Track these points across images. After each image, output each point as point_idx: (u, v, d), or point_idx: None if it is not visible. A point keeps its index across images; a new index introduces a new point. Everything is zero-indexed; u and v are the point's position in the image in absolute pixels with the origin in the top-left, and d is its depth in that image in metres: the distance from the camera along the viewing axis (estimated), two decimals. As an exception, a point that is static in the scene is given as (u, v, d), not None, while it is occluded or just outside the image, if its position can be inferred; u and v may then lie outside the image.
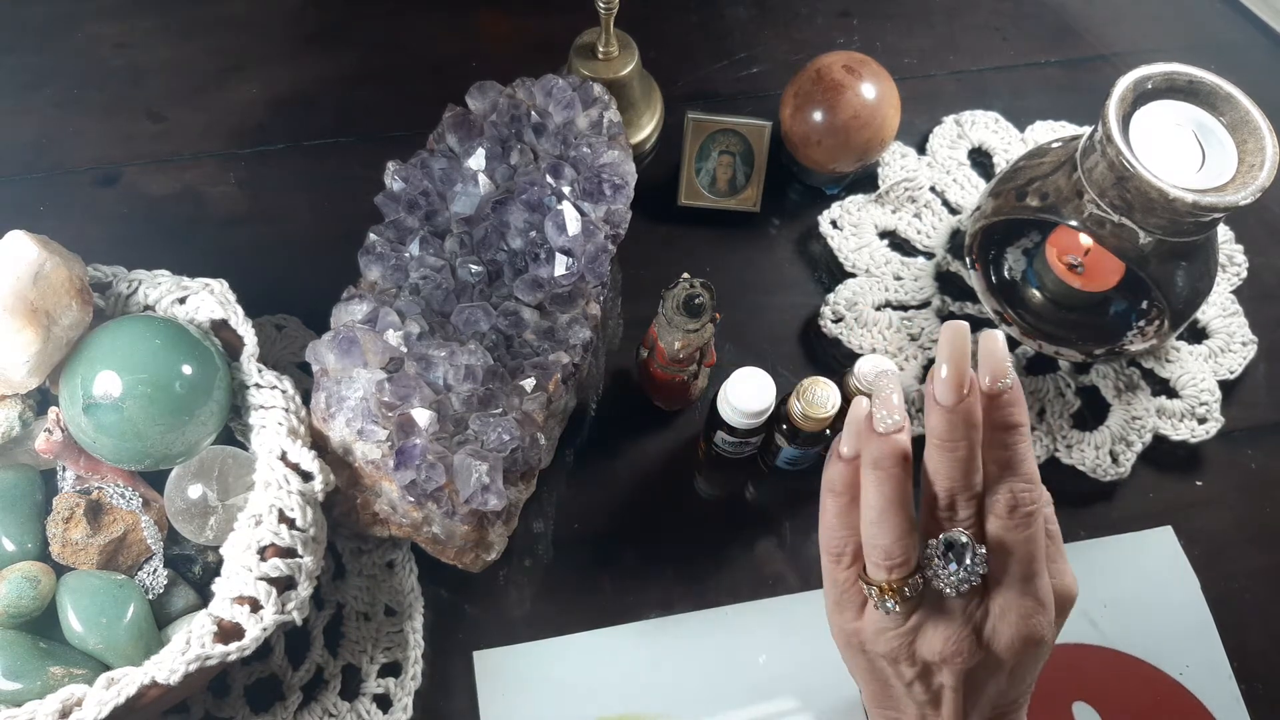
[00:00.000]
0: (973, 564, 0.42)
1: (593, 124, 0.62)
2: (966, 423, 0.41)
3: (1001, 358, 0.42)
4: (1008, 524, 0.42)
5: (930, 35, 0.82)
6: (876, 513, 0.42)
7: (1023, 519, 0.42)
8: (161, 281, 0.57)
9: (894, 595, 0.42)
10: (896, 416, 0.42)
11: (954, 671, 0.43)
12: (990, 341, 0.42)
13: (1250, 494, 0.66)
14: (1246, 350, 0.69)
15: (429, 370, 0.54)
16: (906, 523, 0.42)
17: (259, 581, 0.49)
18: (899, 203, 0.72)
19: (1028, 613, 0.42)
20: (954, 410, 0.41)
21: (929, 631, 0.43)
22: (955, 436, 0.41)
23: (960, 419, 0.41)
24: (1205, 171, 0.57)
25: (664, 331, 0.57)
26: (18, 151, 0.72)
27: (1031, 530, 0.42)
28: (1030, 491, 0.42)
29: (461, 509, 0.52)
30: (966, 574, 0.42)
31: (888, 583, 0.42)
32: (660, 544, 0.63)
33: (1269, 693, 0.60)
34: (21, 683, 0.48)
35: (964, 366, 0.41)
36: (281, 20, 0.80)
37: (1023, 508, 0.42)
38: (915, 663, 0.44)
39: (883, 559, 0.42)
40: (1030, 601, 0.42)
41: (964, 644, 0.42)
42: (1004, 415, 0.42)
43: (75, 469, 0.54)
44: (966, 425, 0.41)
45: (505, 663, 0.59)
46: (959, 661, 0.42)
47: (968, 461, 0.42)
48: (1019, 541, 0.42)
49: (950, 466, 0.42)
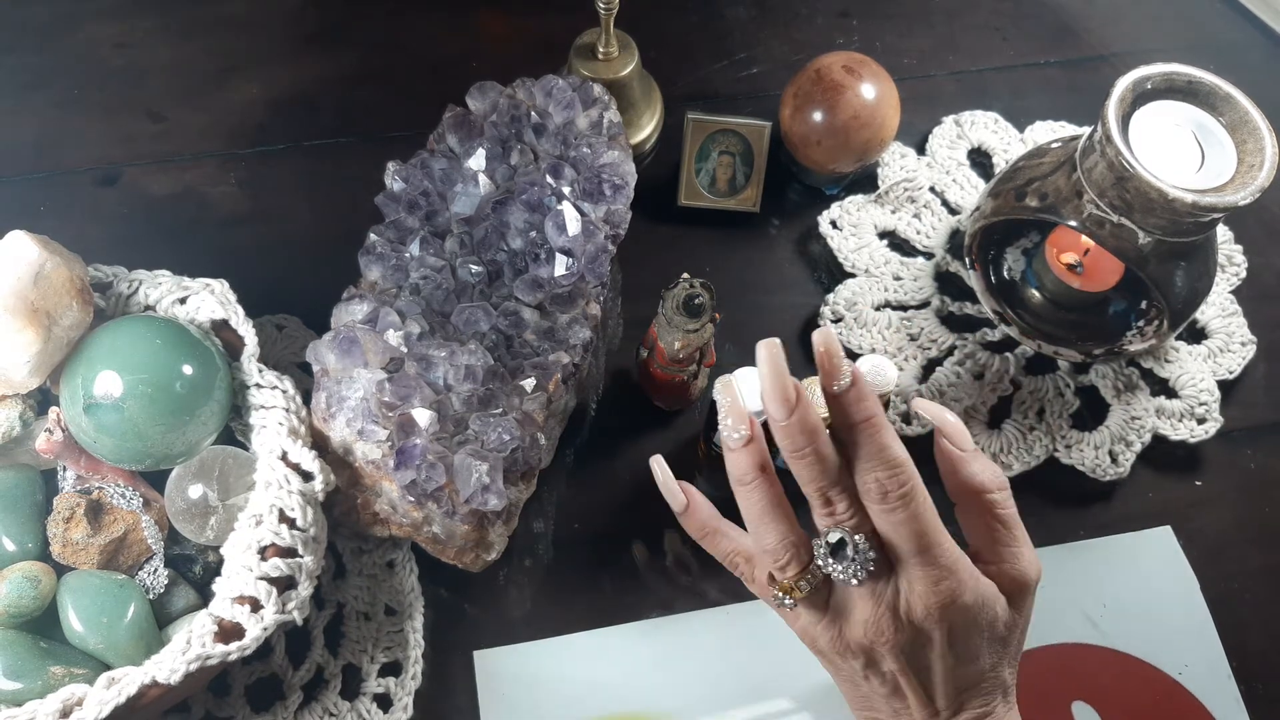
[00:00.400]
0: (857, 554, 0.43)
1: (593, 124, 0.62)
2: (803, 431, 0.44)
3: (834, 360, 0.44)
4: (882, 510, 0.43)
5: (930, 35, 0.82)
6: (754, 522, 0.46)
7: (896, 503, 0.43)
8: (162, 281, 0.57)
9: (792, 591, 0.45)
10: (743, 429, 0.46)
11: (890, 653, 0.44)
12: (821, 344, 0.44)
13: (1250, 494, 0.66)
14: (1246, 350, 0.69)
15: (429, 370, 0.54)
16: (784, 522, 0.45)
17: (259, 581, 0.49)
18: (899, 203, 0.72)
19: (934, 579, 0.43)
20: (789, 423, 0.44)
21: (849, 618, 0.45)
22: (799, 445, 0.44)
23: (796, 428, 0.44)
24: (1205, 172, 0.57)
25: (664, 331, 0.57)
26: (18, 152, 0.72)
27: (910, 510, 0.43)
28: (896, 476, 0.43)
29: (462, 509, 0.52)
30: (857, 565, 0.43)
31: (785, 581, 0.45)
32: (660, 544, 0.63)
33: (1269, 693, 0.60)
34: (22, 682, 0.48)
35: (783, 382, 0.44)
36: (281, 20, 0.80)
37: (891, 494, 0.43)
38: (855, 653, 0.45)
39: (771, 562, 0.46)
40: (933, 569, 0.43)
41: (882, 621, 0.44)
42: (850, 413, 0.44)
43: (76, 469, 0.54)
44: (805, 433, 0.44)
45: (505, 663, 0.59)
46: (884, 640, 0.44)
47: (821, 462, 0.44)
48: (900, 523, 0.43)
49: (807, 470, 0.44)
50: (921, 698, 0.45)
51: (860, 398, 0.44)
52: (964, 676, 0.45)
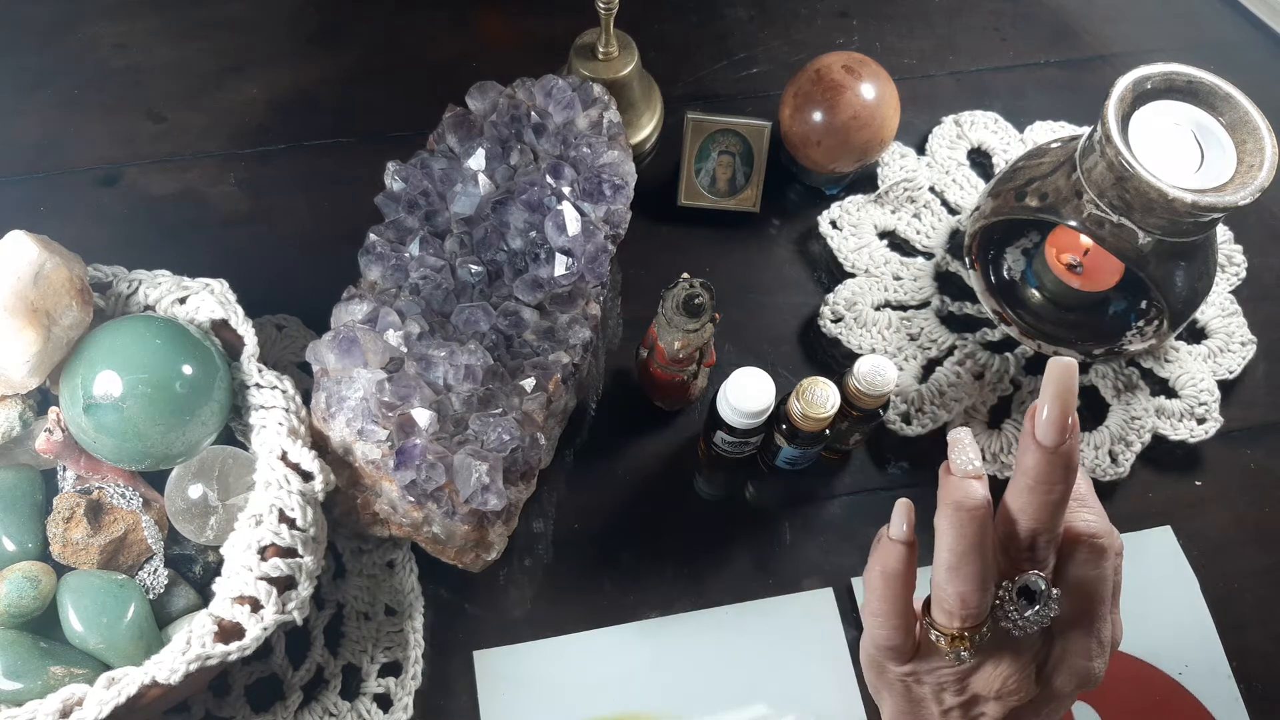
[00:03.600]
0: (1045, 608, 0.40)
1: (593, 124, 0.62)
2: (1065, 465, 0.39)
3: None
4: (1081, 561, 0.41)
5: (930, 35, 0.82)
6: (956, 557, 0.40)
7: (1098, 554, 0.41)
8: (162, 281, 0.57)
9: (965, 643, 0.41)
10: (976, 463, 0.40)
11: (1004, 707, 0.42)
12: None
13: (1250, 494, 0.66)
14: (1245, 350, 0.69)
15: (429, 370, 0.54)
16: (988, 573, 0.40)
17: (259, 581, 0.49)
18: (898, 203, 0.72)
19: (1090, 655, 0.42)
20: (1054, 452, 0.39)
21: (989, 668, 0.42)
22: (1052, 480, 0.39)
23: (1060, 461, 0.39)
24: (1204, 172, 0.57)
25: (664, 331, 0.57)
26: (18, 152, 0.72)
27: (1102, 569, 0.41)
28: (1110, 531, 0.41)
29: (461, 509, 0.52)
30: (1039, 618, 0.40)
31: (959, 630, 0.41)
32: (660, 544, 0.63)
33: (1269, 693, 0.60)
34: (22, 682, 0.48)
35: (1069, 406, 0.39)
36: (281, 20, 0.80)
37: (1098, 541, 0.41)
38: (964, 693, 0.43)
39: (959, 607, 0.40)
40: (1095, 644, 0.42)
41: (1025, 683, 0.41)
42: (1070, 459, 0.40)
43: (75, 469, 0.54)
44: (1065, 468, 0.39)
45: (505, 662, 0.59)
46: (1015, 699, 0.42)
47: (1059, 505, 0.40)
48: (1091, 580, 0.41)
49: (1039, 509, 0.40)
50: None
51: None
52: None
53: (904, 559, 0.42)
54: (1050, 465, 0.39)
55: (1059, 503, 0.40)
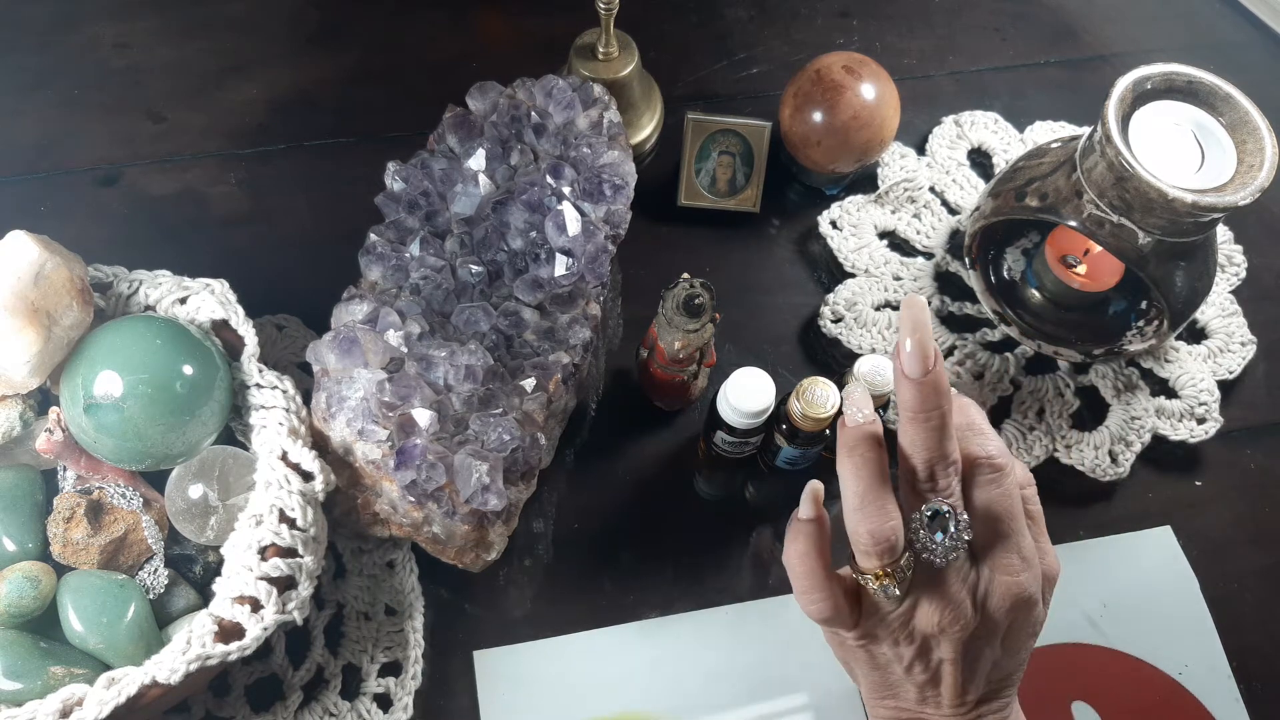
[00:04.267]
0: (957, 530, 0.42)
1: (593, 124, 0.62)
2: (936, 391, 0.42)
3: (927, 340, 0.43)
4: (987, 480, 0.43)
5: (930, 35, 0.82)
6: (858, 499, 0.43)
7: (996, 476, 0.43)
8: (162, 282, 0.57)
9: (890, 579, 0.43)
10: (866, 411, 0.44)
11: (952, 642, 0.43)
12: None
13: (1250, 494, 0.66)
14: (1245, 350, 0.69)
15: (429, 370, 0.54)
16: (890, 504, 0.43)
17: (259, 581, 0.49)
18: (898, 203, 0.72)
19: (1014, 570, 0.43)
20: (923, 381, 0.42)
21: (925, 605, 0.43)
22: (928, 407, 0.42)
23: (930, 389, 0.42)
24: (1204, 172, 0.57)
25: (664, 331, 0.57)
26: (19, 152, 0.72)
27: (1005, 486, 0.43)
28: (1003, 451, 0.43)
29: (462, 509, 0.52)
30: (953, 542, 0.42)
31: (882, 568, 0.43)
32: (660, 544, 0.63)
33: (1269, 693, 0.60)
34: (22, 682, 0.48)
35: (927, 338, 0.42)
36: (281, 20, 0.80)
37: (1000, 461, 0.43)
38: (914, 639, 0.44)
39: (871, 544, 0.43)
40: (1015, 558, 0.43)
41: (961, 609, 0.43)
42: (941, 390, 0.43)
43: (76, 469, 0.54)
44: (936, 394, 0.42)
45: (505, 662, 0.59)
46: (957, 629, 0.43)
47: (941, 430, 0.43)
48: (999, 497, 0.43)
49: (926, 436, 0.43)
50: (959, 689, 0.44)
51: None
52: (1003, 669, 0.45)
53: (814, 535, 0.45)
54: (924, 394, 0.42)
55: (940, 428, 0.43)
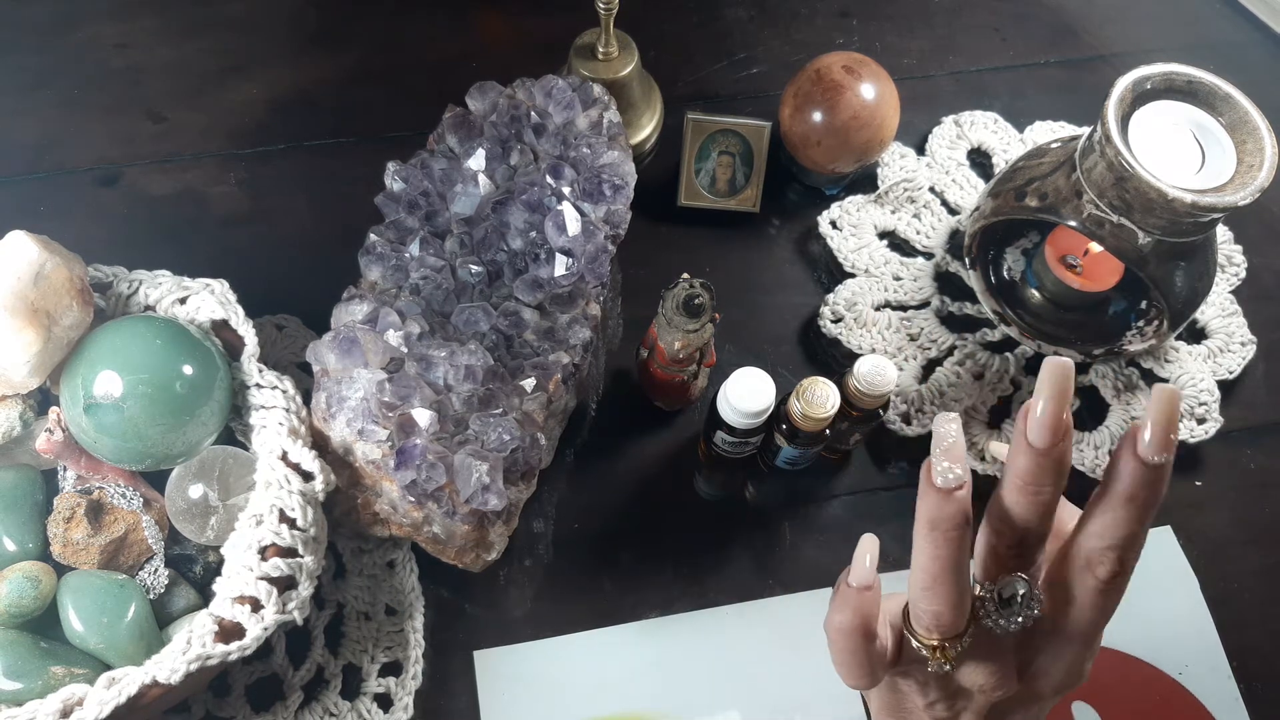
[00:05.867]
0: (1026, 609, 0.39)
1: (593, 124, 0.62)
2: (1057, 469, 0.38)
3: (1173, 429, 0.37)
4: (1096, 587, 0.39)
5: (930, 35, 0.82)
6: (930, 578, 0.39)
7: (1112, 584, 0.39)
8: (162, 282, 0.57)
9: (945, 656, 0.40)
10: (959, 470, 0.38)
11: (987, 702, 0.42)
12: (1166, 406, 0.37)
13: (1250, 494, 0.66)
14: (1245, 350, 0.69)
15: (429, 370, 0.54)
16: (965, 591, 0.39)
17: (260, 581, 0.49)
18: (898, 203, 0.72)
19: (1081, 663, 0.41)
20: (1046, 454, 0.37)
21: (971, 665, 0.41)
22: (1041, 481, 0.38)
23: (1051, 464, 0.38)
24: (1204, 172, 0.57)
25: (664, 331, 0.57)
26: (19, 152, 0.72)
27: (1116, 597, 0.40)
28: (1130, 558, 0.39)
29: (462, 509, 0.52)
30: (1022, 620, 0.39)
31: (938, 642, 0.40)
32: (660, 544, 0.63)
33: (1269, 693, 0.60)
34: (22, 682, 0.48)
35: (1064, 407, 0.37)
36: (281, 20, 0.80)
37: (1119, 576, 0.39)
38: (948, 690, 0.42)
39: (934, 625, 0.39)
40: (1086, 654, 0.41)
41: (1007, 680, 0.41)
42: (1137, 483, 0.37)
43: (76, 469, 0.54)
44: (1056, 471, 0.38)
45: (505, 662, 0.59)
46: (998, 695, 0.41)
47: (1049, 506, 0.39)
48: (1099, 606, 0.40)
49: (1029, 511, 0.39)
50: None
51: (1161, 479, 0.37)
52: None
53: (862, 609, 0.41)
54: (1041, 467, 0.38)
55: (1048, 503, 0.39)
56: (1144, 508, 0.37)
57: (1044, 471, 0.38)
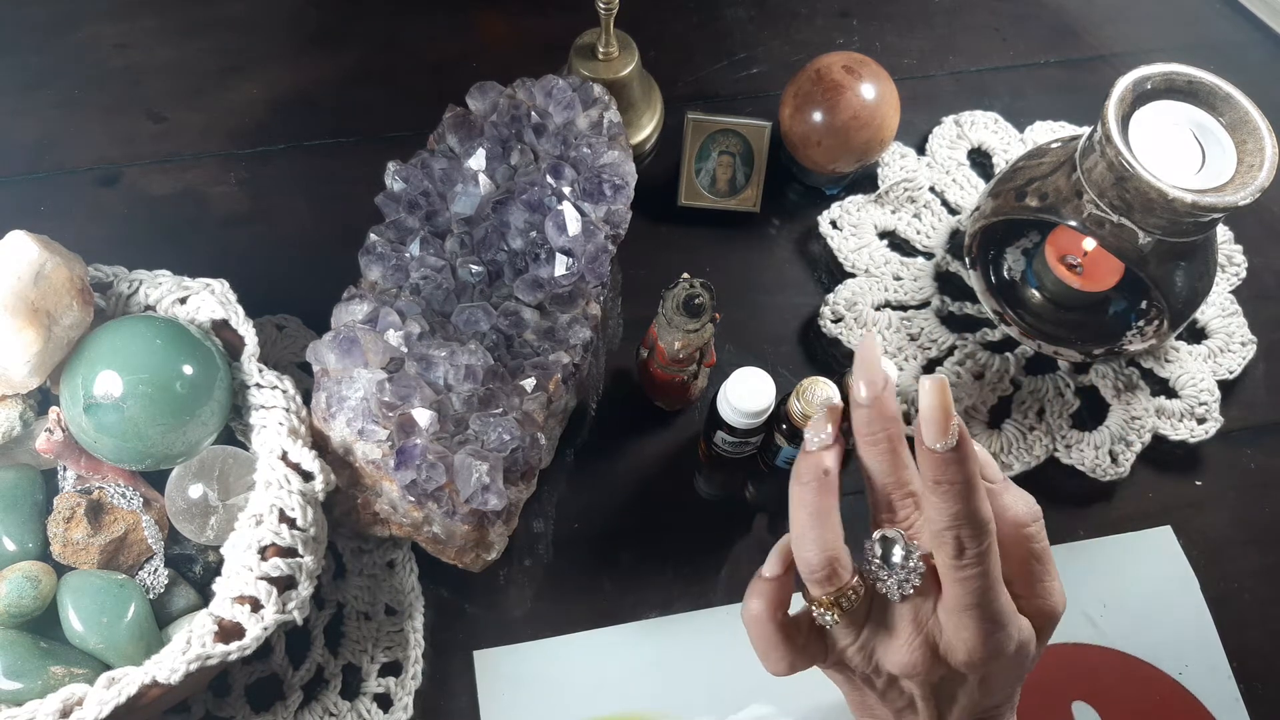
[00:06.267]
0: (908, 561, 0.42)
1: (593, 124, 0.62)
2: (882, 416, 0.42)
3: (946, 415, 0.41)
4: (954, 566, 0.41)
5: (930, 35, 0.82)
6: (800, 527, 0.43)
7: (970, 560, 0.41)
8: (162, 281, 0.57)
9: (831, 608, 0.42)
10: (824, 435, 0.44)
11: (918, 684, 0.43)
12: (932, 393, 0.41)
13: (1250, 494, 0.66)
14: (1246, 350, 0.69)
15: (429, 370, 0.54)
16: (829, 534, 0.42)
17: (259, 581, 0.49)
18: (899, 203, 0.72)
19: (985, 633, 0.41)
20: (871, 405, 0.42)
21: (885, 643, 0.43)
22: (875, 429, 0.42)
23: (876, 412, 0.42)
24: (1204, 172, 0.57)
25: (664, 331, 0.57)
26: (19, 152, 0.72)
27: (982, 567, 0.41)
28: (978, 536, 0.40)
29: (462, 509, 0.52)
30: (905, 574, 0.42)
31: (824, 596, 0.42)
32: (660, 544, 0.63)
33: (1269, 693, 0.60)
34: (22, 682, 0.48)
35: (875, 366, 0.43)
36: (281, 20, 0.80)
37: (969, 551, 0.40)
38: (881, 673, 0.44)
39: (809, 572, 0.42)
40: (986, 624, 0.41)
41: (918, 655, 0.42)
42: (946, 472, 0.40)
43: (76, 469, 0.54)
44: (884, 418, 0.42)
45: (505, 662, 0.59)
46: (918, 675, 0.42)
47: (891, 454, 0.43)
48: (967, 579, 0.41)
49: (876, 459, 0.43)
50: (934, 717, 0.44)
51: (963, 459, 0.40)
52: (984, 707, 0.44)
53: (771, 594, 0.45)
54: (871, 417, 0.42)
55: (890, 450, 0.43)
56: (954, 488, 0.40)
57: (876, 419, 0.42)
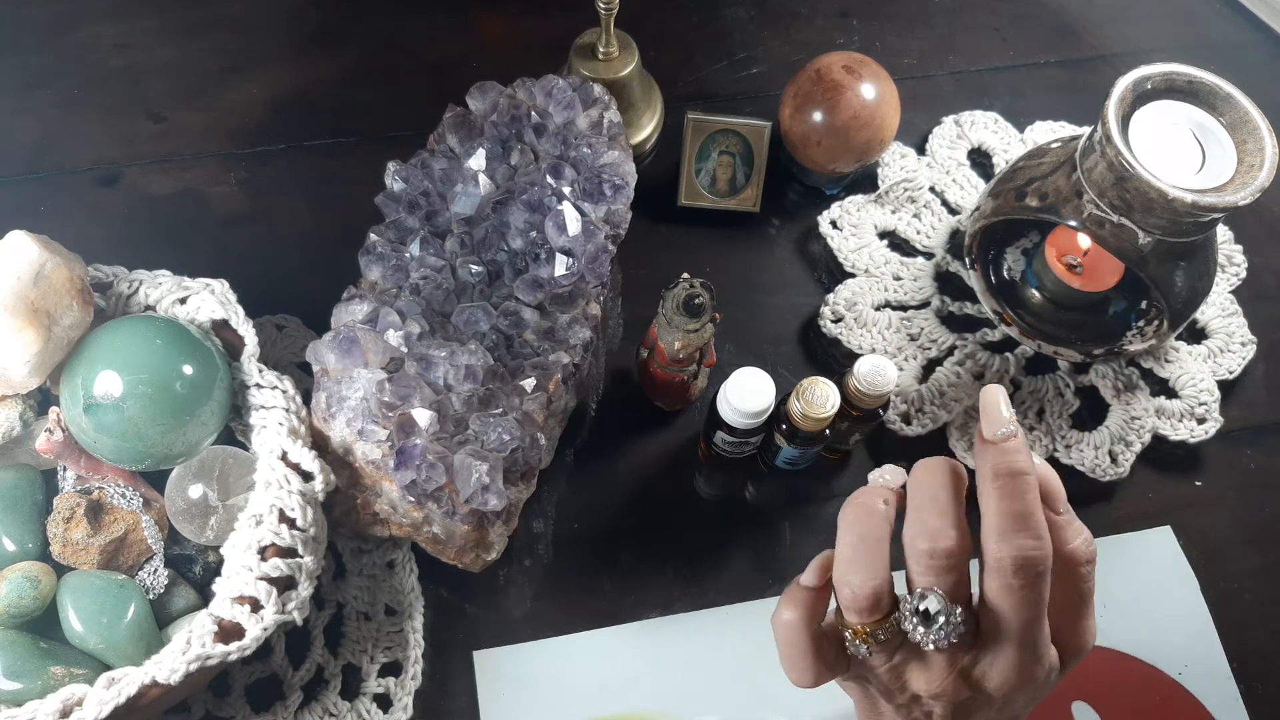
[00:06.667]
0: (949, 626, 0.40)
1: (593, 124, 0.62)
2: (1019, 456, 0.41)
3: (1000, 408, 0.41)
4: (1010, 586, 0.40)
5: (930, 35, 0.82)
6: (849, 549, 0.41)
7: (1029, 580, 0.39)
8: (162, 282, 0.57)
9: (867, 640, 0.41)
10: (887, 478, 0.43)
11: (943, 706, 0.42)
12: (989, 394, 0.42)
13: (1249, 494, 0.66)
14: (1245, 350, 0.69)
15: (429, 370, 0.54)
16: (878, 563, 0.41)
17: (259, 581, 0.49)
18: (899, 203, 0.72)
19: (1023, 664, 0.41)
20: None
21: (915, 668, 0.42)
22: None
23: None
24: (1204, 172, 0.57)
25: (664, 331, 0.57)
26: (19, 152, 0.72)
27: (1036, 591, 0.40)
28: (1039, 550, 0.39)
29: (462, 509, 0.52)
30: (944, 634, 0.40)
31: (860, 625, 0.41)
32: (660, 544, 0.63)
33: (1269, 693, 0.60)
34: (22, 682, 0.48)
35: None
36: (281, 20, 0.80)
37: (1028, 570, 0.39)
38: (905, 691, 0.43)
39: (849, 600, 0.41)
40: (1027, 655, 0.41)
41: (949, 686, 0.41)
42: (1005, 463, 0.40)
43: (76, 469, 0.54)
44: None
45: (505, 662, 0.59)
46: (946, 699, 0.42)
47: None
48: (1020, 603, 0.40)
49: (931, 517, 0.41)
50: None
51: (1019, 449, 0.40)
52: None
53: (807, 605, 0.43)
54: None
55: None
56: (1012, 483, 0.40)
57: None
